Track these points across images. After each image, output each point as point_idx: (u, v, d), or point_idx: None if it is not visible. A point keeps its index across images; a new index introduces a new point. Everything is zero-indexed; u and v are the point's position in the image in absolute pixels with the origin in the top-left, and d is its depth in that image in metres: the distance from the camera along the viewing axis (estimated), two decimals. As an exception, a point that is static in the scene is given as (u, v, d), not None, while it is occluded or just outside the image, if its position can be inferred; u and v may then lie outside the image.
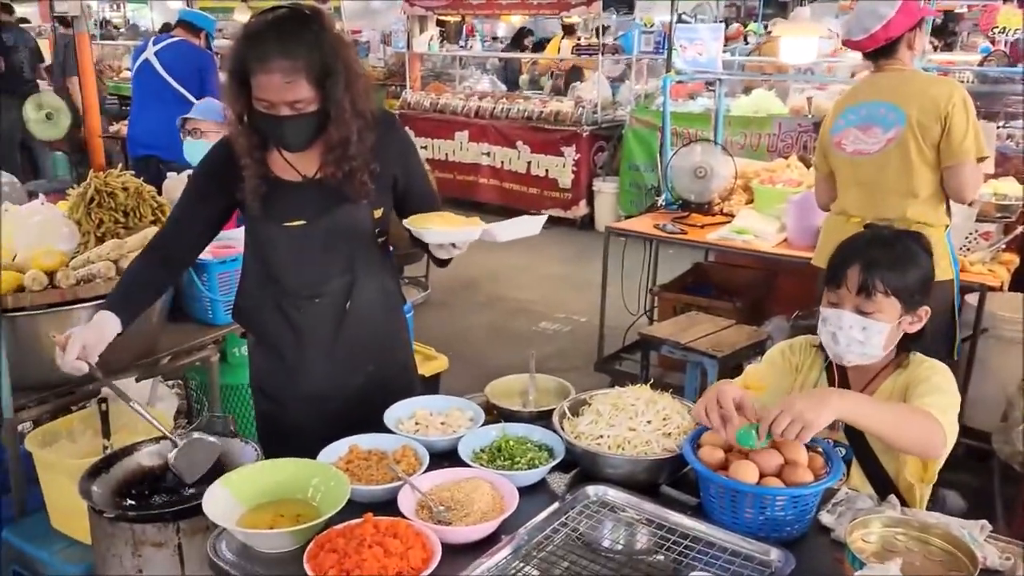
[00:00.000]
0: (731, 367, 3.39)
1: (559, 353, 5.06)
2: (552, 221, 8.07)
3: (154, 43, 5.36)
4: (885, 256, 1.80)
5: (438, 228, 1.80)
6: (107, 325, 1.92)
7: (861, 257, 1.80)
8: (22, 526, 2.24)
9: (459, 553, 1.48)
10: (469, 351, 4.90)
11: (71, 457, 2.16)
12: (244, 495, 1.58)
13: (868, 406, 1.64)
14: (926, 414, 1.67)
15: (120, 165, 3.77)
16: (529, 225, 1.86)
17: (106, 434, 2.27)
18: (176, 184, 4.46)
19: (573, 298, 6.01)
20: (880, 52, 2.96)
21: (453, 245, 1.84)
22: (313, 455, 1.71)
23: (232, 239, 3.03)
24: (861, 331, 1.79)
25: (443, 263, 1.95)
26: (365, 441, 1.79)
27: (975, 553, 1.41)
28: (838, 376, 1.94)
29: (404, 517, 1.52)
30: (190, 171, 4.56)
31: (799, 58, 5.53)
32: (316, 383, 2.04)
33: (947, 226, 2.98)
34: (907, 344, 1.88)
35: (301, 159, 1.96)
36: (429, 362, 3.74)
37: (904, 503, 1.72)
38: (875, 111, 2.96)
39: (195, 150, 3.55)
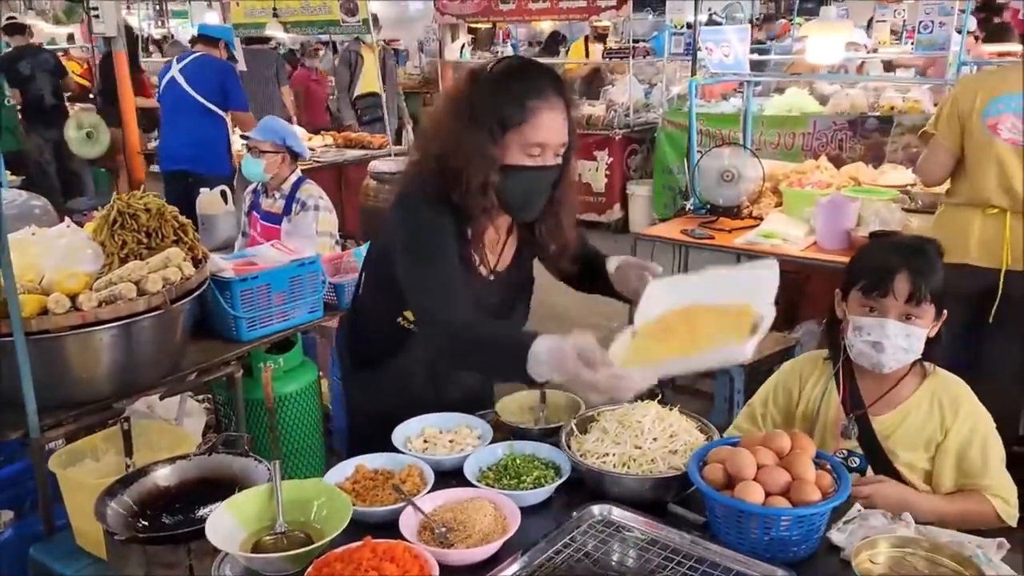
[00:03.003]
0: (761, 373, 3.33)
1: (590, 360, 5.01)
2: (587, 225, 8.09)
3: (177, 61, 5.53)
4: (924, 262, 1.82)
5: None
6: None
7: (906, 264, 1.80)
8: (49, 544, 2.29)
9: (461, 572, 1.48)
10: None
11: (93, 476, 2.20)
12: (248, 518, 1.59)
13: (940, 508, 1.75)
14: (986, 509, 1.78)
15: (143, 186, 3.87)
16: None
17: (128, 452, 2.31)
18: (210, 199, 4.56)
19: (606, 304, 5.95)
20: None
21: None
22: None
23: (256, 255, 3.07)
24: (905, 338, 1.80)
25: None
26: (372, 461, 1.80)
27: (984, 573, 1.37)
28: (847, 387, 1.90)
29: (405, 539, 1.52)
30: (222, 186, 4.66)
31: (826, 58, 5.44)
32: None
33: None
34: (924, 352, 1.85)
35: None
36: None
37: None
38: None
39: (252, 168, 3.84)
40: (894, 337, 1.79)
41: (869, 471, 1.87)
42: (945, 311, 1.84)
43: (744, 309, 1.30)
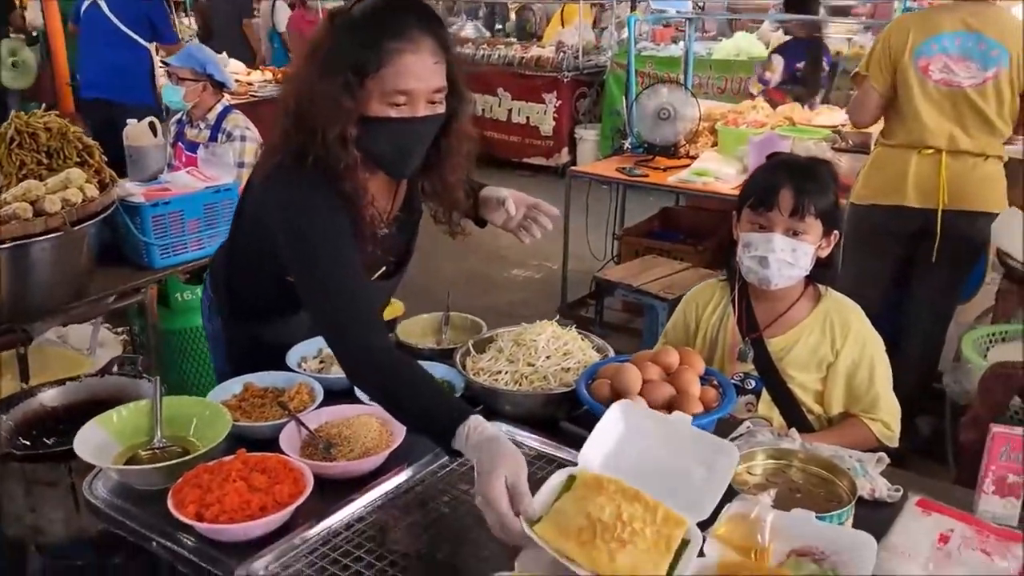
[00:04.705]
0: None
1: (527, 300, 5.02)
2: (533, 169, 8.05)
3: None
4: (811, 179, 1.82)
5: None
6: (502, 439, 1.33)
7: (791, 180, 1.80)
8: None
9: (344, 488, 1.46)
10: (436, 297, 4.86)
11: (-15, 400, 2.14)
12: (124, 434, 1.55)
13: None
14: (867, 434, 1.83)
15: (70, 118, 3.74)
16: None
17: (25, 378, 2.25)
18: (138, 131, 4.41)
19: (548, 246, 5.91)
20: None
21: (507, 210, 1.78)
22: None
23: (171, 182, 2.98)
24: (791, 253, 1.80)
25: (484, 224, 1.89)
26: (262, 379, 1.76)
27: (856, 483, 1.38)
28: (743, 310, 1.91)
29: (286, 454, 1.49)
30: (151, 117, 4.51)
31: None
32: None
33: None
34: (817, 274, 1.86)
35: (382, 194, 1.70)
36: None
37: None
38: (972, 45, 2.88)
39: (172, 95, 3.79)
40: (779, 252, 1.79)
41: (765, 393, 1.88)
42: (837, 233, 1.84)
43: (679, 523, 1.22)
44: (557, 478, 1.33)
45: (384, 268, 1.80)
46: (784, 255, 1.79)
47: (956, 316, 3.31)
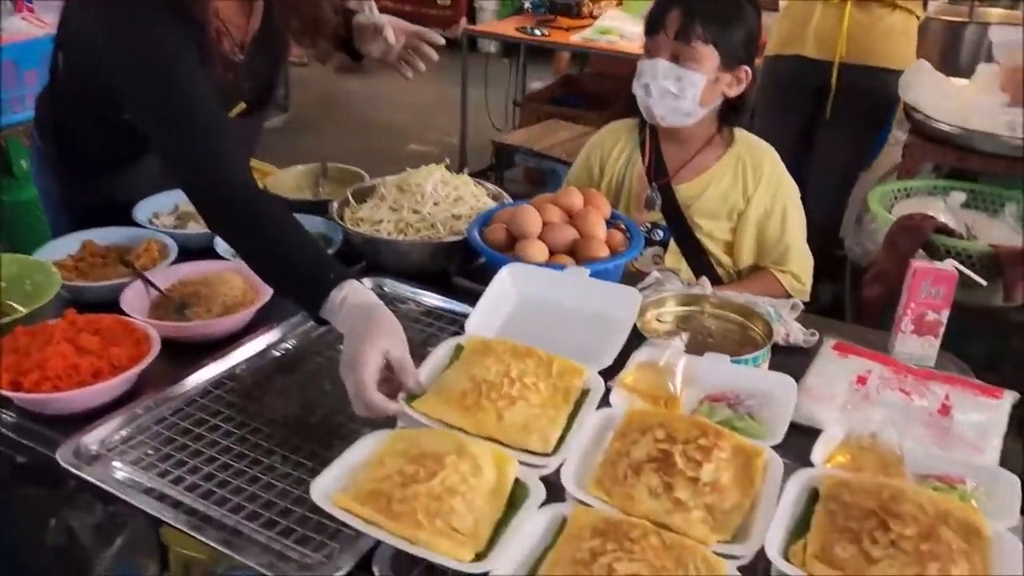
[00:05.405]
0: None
1: (425, 175, 4.78)
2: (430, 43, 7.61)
3: None
4: (708, 3, 1.63)
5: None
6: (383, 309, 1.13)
7: (683, 2, 1.61)
8: None
9: (203, 353, 1.26)
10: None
11: None
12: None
13: None
14: (776, 287, 1.69)
15: None
16: None
17: None
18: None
19: (447, 120, 5.66)
20: None
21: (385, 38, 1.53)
22: None
23: (2, 29, 2.58)
24: (675, 82, 1.63)
25: (360, 57, 1.64)
26: (102, 236, 1.52)
27: (772, 327, 1.27)
28: (652, 155, 1.75)
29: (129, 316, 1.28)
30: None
31: None
32: None
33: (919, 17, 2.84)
34: (729, 117, 1.71)
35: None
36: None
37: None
38: None
39: None
40: (662, 80, 1.62)
41: (673, 245, 1.75)
42: (748, 71, 1.68)
43: (577, 372, 1.08)
44: (443, 349, 1.16)
45: (244, 104, 1.55)
46: (668, 84, 1.62)
47: (859, 183, 3.27)
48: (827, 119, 2.95)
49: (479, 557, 0.87)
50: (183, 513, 0.99)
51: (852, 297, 3.05)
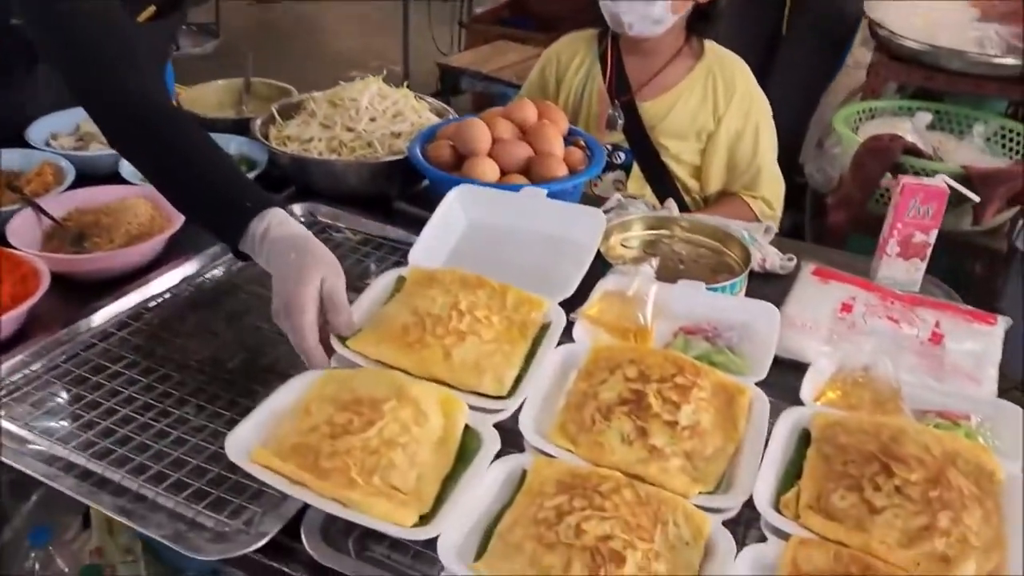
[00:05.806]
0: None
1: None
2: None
3: None
4: None
5: None
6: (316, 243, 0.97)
7: None
8: None
9: (105, 289, 1.10)
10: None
11: None
12: None
13: None
14: (746, 213, 1.57)
15: None
16: None
17: None
18: None
19: (391, 45, 5.40)
20: None
21: None
22: None
23: None
24: None
25: None
26: (-11, 159, 1.32)
27: (749, 252, 1.15)
28: (614, 70, 1.59)
29: (15, 248, 1.10)
30: None
31: None
32: None
33: None
34: (699, 26, 1.56)
35: None
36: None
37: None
38: None
39: None
40: None
41: (636, 170, 1.61)
42: None
43: (536, 304, 0.95)
44: (382, 282, 1.02)
45: (153, 7, 1.35)
46: None
47: (819, 107, 3.15)
48: (788, 38, 2.82)
49: (424, 520, 0.74)
50: (75, 477, 0.84)
51: (813, 225, 2.95)
